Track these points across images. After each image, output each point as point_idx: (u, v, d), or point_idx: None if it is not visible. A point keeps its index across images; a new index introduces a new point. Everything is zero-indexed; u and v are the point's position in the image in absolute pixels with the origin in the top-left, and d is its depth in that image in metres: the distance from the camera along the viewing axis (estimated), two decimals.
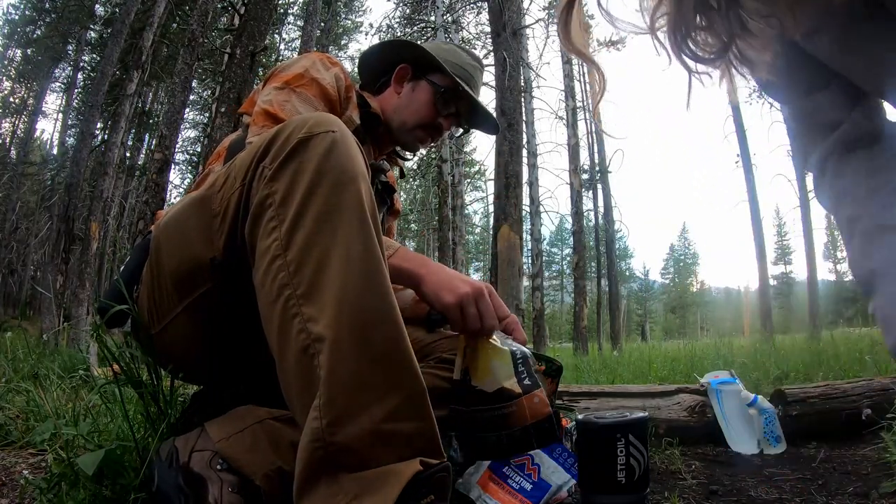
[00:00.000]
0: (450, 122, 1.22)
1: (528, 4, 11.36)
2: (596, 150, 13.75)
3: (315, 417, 0.60)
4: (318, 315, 0.62)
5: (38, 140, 20.77)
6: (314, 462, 0.60)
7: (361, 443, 0.60)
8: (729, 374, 1.73)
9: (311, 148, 0.68)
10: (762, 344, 5.01)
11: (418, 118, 1.19)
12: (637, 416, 1.00)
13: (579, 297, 10.97)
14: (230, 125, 4.98)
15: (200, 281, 0.80)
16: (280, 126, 0.72)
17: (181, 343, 0.87)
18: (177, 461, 0.80)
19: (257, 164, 0.71)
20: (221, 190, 0.76)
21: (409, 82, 1.20)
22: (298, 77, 1.02)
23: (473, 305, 0.85)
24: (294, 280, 0.64)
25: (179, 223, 0.82)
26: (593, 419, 1.01)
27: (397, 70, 1.21)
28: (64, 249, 7.24)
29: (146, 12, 9.26)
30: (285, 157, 0.68)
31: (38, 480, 0.90)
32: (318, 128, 0.69)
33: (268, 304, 0.66)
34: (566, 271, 33.62)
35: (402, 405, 0.62)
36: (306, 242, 0.64)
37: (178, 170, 16.83)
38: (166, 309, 0.84)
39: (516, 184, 5.43)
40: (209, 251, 0.77)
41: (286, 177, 0.67)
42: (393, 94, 1.21)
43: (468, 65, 1.21)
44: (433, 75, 1.19)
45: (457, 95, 1.19)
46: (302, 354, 0.62)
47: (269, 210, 0.67)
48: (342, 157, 0.68)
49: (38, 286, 10.22)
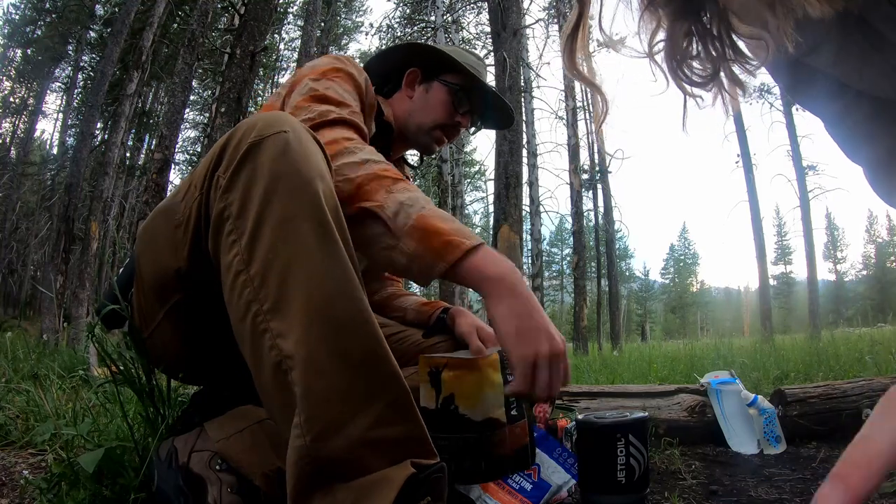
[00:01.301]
0: (467, 120, 1.21)
1: (528, 4, 11.38)
2: (596, 150, 13.75)
3: (298, 435, 0.59)
4: (286, 330, 0.60)
5: (38, 140, 20.79)
6: (305, 477, 0.59)
7: (350, 453, 0.59)
8: (729, 374, 1.73)
9: (263, 152, 0.65)
10: (762, 344, 5.01)
11: (435, 119, 1.17)
12: (637, 417, 1.00)
13: (579, 297, 10.97)
14: (230, 125, 4.98)
15: (172, 290, 0.79)
16: (230, 131, 0.70)
17: (170, 346, 0.87)
18: (176, 461, 0.80)
19: (212, 174, 0.68)
20: (184, 199, 0.74)
21: (421, 85, 1.19)
22: (334, 70, 0.99)
23: (547, 368, 0.71)
24: (260, 295, 0.62)
25: (150, 232, 0.82)
26: (593, 419, 1.01)
27: (408, 74, 1.19)
28: (64, 249, 7.24)
29: (146, 12, 9.26)
30: (237, 164, 0.65)
31: (38, 480, 0.90)
32: (268, 129, 0.66)
33: (238, 321, 0.65)
34: (566, 271, 33.59)
35: (387, 410, 0.61)
36: (267, 255, 0.62)
37: (178, 170, 16.82)
38: (151, 314, 0.84)
39: (516, 184, 5.43)
40: (176, 262, 0.76)
41: (240, 186, 0.65)
42: (404, 98, 1.20)
43: (475, 63, 1.21)
44: (445, 75, 1.18)
45: (471, 91, 1.19)
46: (276, 370, 0.61)
47: (228, 223, 0.65)
48: (297, 159, 0.65)
49: (38, 286, 10.22)
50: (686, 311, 47.40)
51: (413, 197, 0.77)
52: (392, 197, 0.77)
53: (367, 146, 0.85)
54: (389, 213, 0.75)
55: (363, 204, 0.77)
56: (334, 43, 16.92)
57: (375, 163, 0.80)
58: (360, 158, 0.80)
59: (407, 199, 0.77)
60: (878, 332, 5.06)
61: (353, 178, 0.77)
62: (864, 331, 5.21)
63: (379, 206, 0.76)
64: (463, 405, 0.84)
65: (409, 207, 0.76)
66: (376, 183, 0.78)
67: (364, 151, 0.82)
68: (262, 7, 5.47)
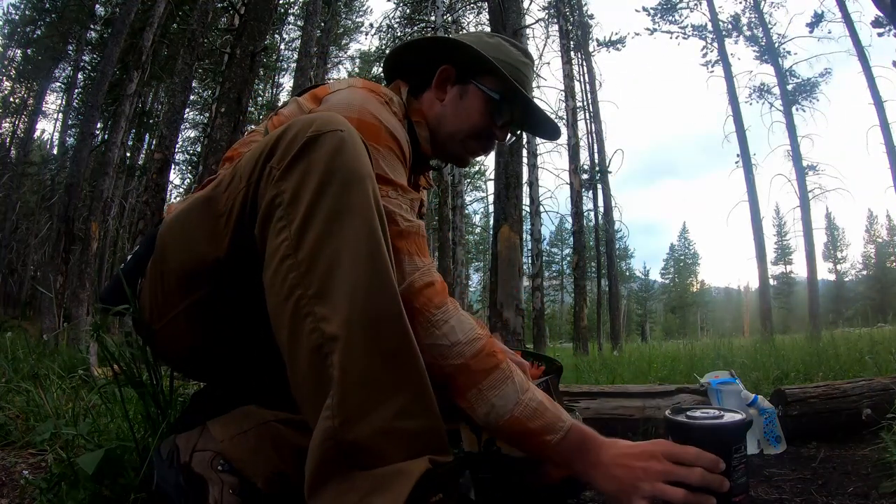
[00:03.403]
0: (505, 133, 1.06)
1: (528, 4, 11.38)
2: (596, 150, 13.75)
3: (328, 417, 0.61)
4: (330, 315, 0.63)
5: (38, 140, 20.78)
6: (327, 460, 0.61)
7: (373, 441, 0.61)
8: (729, 374, 1.73)
9: (320, 147, 0.67)
10: (762, 344, 5.00)
11: (470, 128, 1.02)
12: (744, 419, 0.82)
13: (579, 297, 10.97)
14: (230, 125, 4.98)
15: (204, 281, 0.79)
16: (286, 125, 0.71)
17: (181, 340, 0.86)
18: (177, 460, 0.80)
19: (264, 165, 0.70)
20: (227, 190, 0.75)
21: (455, 86, 1.02)
22: (376, 131, 0.84)
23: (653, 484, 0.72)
24: (305, 280, 0.64)
25: (185, 222, 0.82)
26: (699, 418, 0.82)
27: (439, 72, 1.02)
28: (64, 249, 7.23)
29: (146, 12, 9.26)
30: (294, 156, 0.67)
31: (38, 480, 0.90)
32: (326, 126, 0.68)
33: (278, 304, 0.66)
34: (566, 271, 33.60)
35: (411, 402, 0.63)
36: (317, 243, 0.64)
37: (178, 170, 16.83)
38: (168, 306, 0.84)
39: (516, 184, 5.43)
40: (214, 251, 0.76)
41: (295, 176, 0.67)
42: (434, 100, 1.03)
43: (519, 62, 1.03)
44: (483, 78, 1.01)
45: (512, 101, 1.02)
46: (314, 354, 0.63)
47: (279, 210, 0.67)
48: (351, 157, 0.67)
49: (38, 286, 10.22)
50: (686, 311, 47.40)
51: (505, 394, 0.77)
52: (482, 398, 0.77)
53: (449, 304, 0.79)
54: (480, 414, 0.77)
55: (454, 398, 0.78)
56: (334, 43, 16.91)
57: (465, 343, 0.77)
58: (450, 341, 0.77)
59: (498, 399, 0.76)
60: (878, 332, 5.05)
61: (444, 366, 0.77)
62: (864, 331, 5.20)
63: (469, 408, 0.78)
64: (506, 446, 0.85)
65: (500, 409, 0.76)
66: (466, 378, 0.77)
67: (451, 319, 0.78)
68: (262, 7, 5.47)
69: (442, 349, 0.76)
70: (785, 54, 13.71)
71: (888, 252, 44.55)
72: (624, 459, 0.75)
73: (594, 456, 0.76)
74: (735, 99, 13.49)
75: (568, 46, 12.54)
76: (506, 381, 0.77)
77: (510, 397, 0.76)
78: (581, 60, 13.79)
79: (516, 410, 0.76)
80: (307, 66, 9.07)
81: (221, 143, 4.81)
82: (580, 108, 12.81)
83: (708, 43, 14.62)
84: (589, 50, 13.97)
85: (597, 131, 13.63)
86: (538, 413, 0.76)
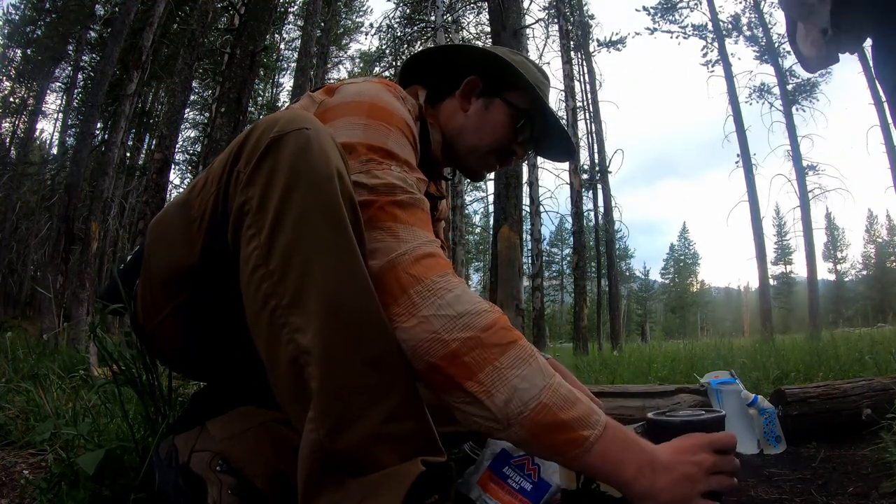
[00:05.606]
0: (525, 150, 1.05)
1: (528, 4, 11.37)
2: (596, 149, 13.75)
3: (312, 429, 0.60)
4: (304, 325, 0.61)
5: (38, 140, 20.79)
6: (317, 470, 0.60)
7: (363, 448, 0.60)
8: (729, 374, 1.73)
9: (284, 147, 0.64)
10: (762, 344, 5.00)
11: (493, 143, 1.01)
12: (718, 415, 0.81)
13: (579, 297, 10.96)
14: (230, 125, 4.98)
15: (186, 284, 0.79)
16: (252, 125, 0.70)
17: (172, 341, 0.86)
18: (176, 461, 0.80)
19: (231, 168, 0.68)
20: (200, 195, 0.74)
21: (480, 99, 1.01)
22: (388, 114, 0.81)
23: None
24: (278, 290, 0.62)
25: (164, 226, 0.81)
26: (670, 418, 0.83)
27: (466, 82, 1.00)
28: (64, 249, 7.23)
29: (146, 12, 9.26)
30: (258, 159, 0.65)
31: (38, 480, 0.90)
32: (289, 125, 0.65)
33: (255, 313, 0.64)
34: (566, 271, 33.59)
35: (399, 406, 0.62)
36: (287, 250, 0.62)
37: (178, 170, 16.83)
38: (157, 308, 0.83)
39: (516, 184, 5.43)
40: (189, 257, 0.75)
41: (260, 180, 0.64)
42: (457, 110, 1.01)
43: (541, 82, 1.02)
44: (510, 93, 1.00)
45: (535, 116, 1.01)
46: (292, 365, 0.61)
47: (248, 217, 0.65)
48: (317, 156, 0.64)
49: (38, 286, 10.21)
50: (686, 311, 47.41)
51: (531, 375, 0.63)
52: (502, 378, 0.63)
53: (452, 276, 0.69)
54: (499, 401, 0.62)
55: (462, 383, 0.64)
56: (334, 43, 16.92)
57: (476, 314, 0.66)
58: (455, 311, 0.65)
59: (522, 382, 0.63)
60: (878, 332, 5.05)
61: (448, 340, 0.64)
62: (864, 331, 5.21)
63: (485, 393, 0.63)
64: (604, 485, 0.80)
65: (524, 393, 0.62)
66: (479, 354, 0.64)
67: (455, 288, 0.68)
68: (262, 7, 5.47)
69: (445, 321, 0.64)
70: (785, 54, 13.71)
71: (888, 252, 44.59)
72: (684, 456, 0.64)
73: (649, 456, 0.64)
74: (735, 99, 13.51)
75: (568, 46, 12.55)
76: (528, 360, 0.64)
77: (536, 379, 0.63)
78: (581, 60, 13.80)
79: (544, 396, 0.62)
80: (307, 66, 9.06)
81: (221, 143, 4.81)
82: (580, 108, 12.82)
83: (708, 43, 14.65)
84: (589, 50, 13.98)
85: (597, 131, 13.64)
86: (569, 402, 0.63)
